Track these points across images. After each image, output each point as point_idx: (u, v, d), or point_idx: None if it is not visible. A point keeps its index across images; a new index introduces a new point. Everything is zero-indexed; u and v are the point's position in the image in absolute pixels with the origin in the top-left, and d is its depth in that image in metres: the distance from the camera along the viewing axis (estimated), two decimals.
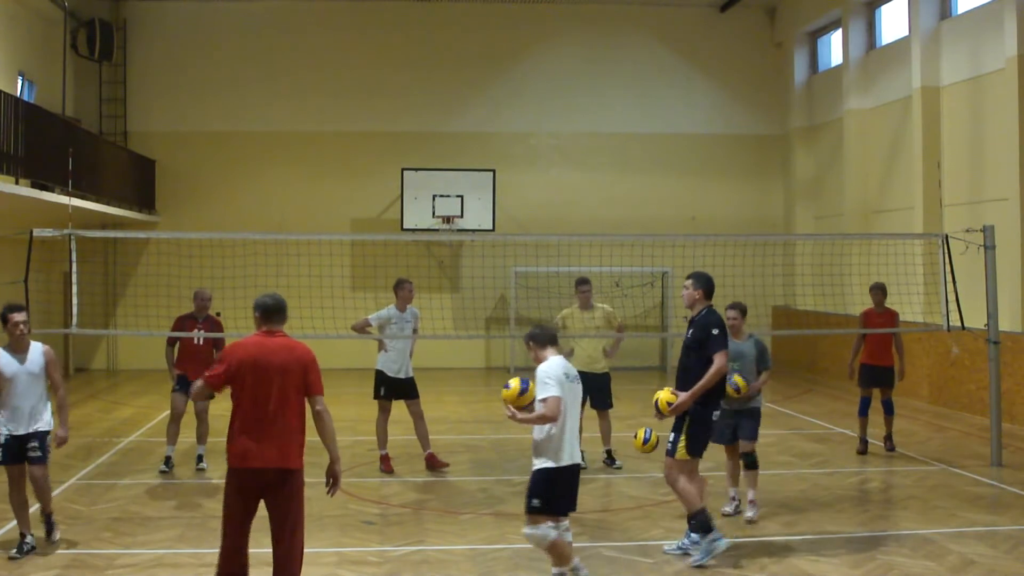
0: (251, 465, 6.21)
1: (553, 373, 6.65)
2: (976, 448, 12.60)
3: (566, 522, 6.77)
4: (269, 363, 6.16)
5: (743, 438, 9.15)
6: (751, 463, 9.13)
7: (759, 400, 9.28)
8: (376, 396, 11.32)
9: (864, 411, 12.18)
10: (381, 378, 11.31)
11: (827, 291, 14.64)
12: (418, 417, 11.27)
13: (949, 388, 15.97)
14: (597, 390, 11.27)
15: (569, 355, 11.32)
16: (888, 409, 12.11)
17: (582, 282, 11.37)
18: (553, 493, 6.69)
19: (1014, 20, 14.96)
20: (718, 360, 7.77)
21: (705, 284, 8.11)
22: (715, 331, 7.87)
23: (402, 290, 11.37)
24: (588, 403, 11.34)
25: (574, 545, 8.30)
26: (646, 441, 8.24)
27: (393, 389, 11.27)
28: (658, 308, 22.01)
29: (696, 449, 7.90)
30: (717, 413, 7.95)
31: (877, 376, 12.14)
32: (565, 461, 6.65)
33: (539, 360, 6.84)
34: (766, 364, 9.26)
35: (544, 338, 6.89)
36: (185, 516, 9.40)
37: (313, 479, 10.90)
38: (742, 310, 9.27)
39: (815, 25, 22.25)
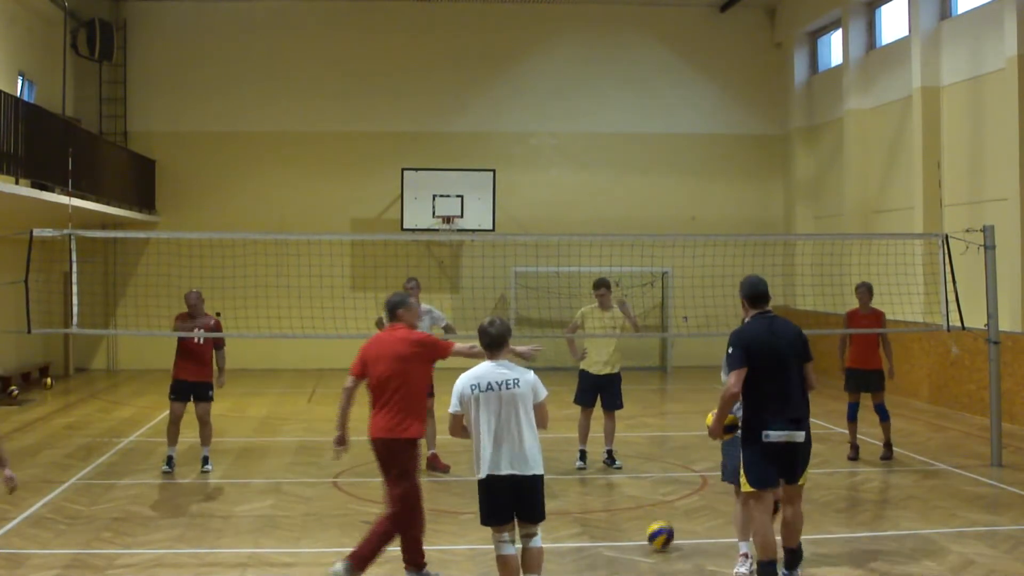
0: (372, 436, 7.27)
1: (458, 386, 6.45)
2: (976, 448, 12.60)
3: (506, 534, 6.43)
4: (382, 352, 7.21)
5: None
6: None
7: None
8: None
9: (853, 416, 11.89)
10: None
11: (827, 291, 14.63)
12: (428, 415, 11.26)
13: (949, 388, 15.97)
14: (607, 391, 11.29)
15: (583, 357, 11.35)
16: (883, 415, 11.78)
17: (598, 285, 11.27)
18: (482, 503, 6.46)
19: (1014, 20, 14.96)
20: (727, 381, 6.96)
21: (745, 291, 7.20)
22: (729, 349, 6.99)
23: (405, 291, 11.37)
24: (599, 403, 11.39)
25: (574, 546, 8.34)
26: (654, 537, 7.97)
27: None
28: (658, 308, 22.01)
29: (754, 479, 6.89)
30: (770, 434, 6.80)
31: (864, 380, 11.85)
32: (483, 473, 6.36)
33: None
34: None
35: (483, 342, 6.57)
36: (185, 516, 9.40)
37: (314, 479, 10.95)
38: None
39: (815, 25, 22.25)
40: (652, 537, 8.05)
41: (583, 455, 11.40)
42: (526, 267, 19.88)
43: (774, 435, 6.82)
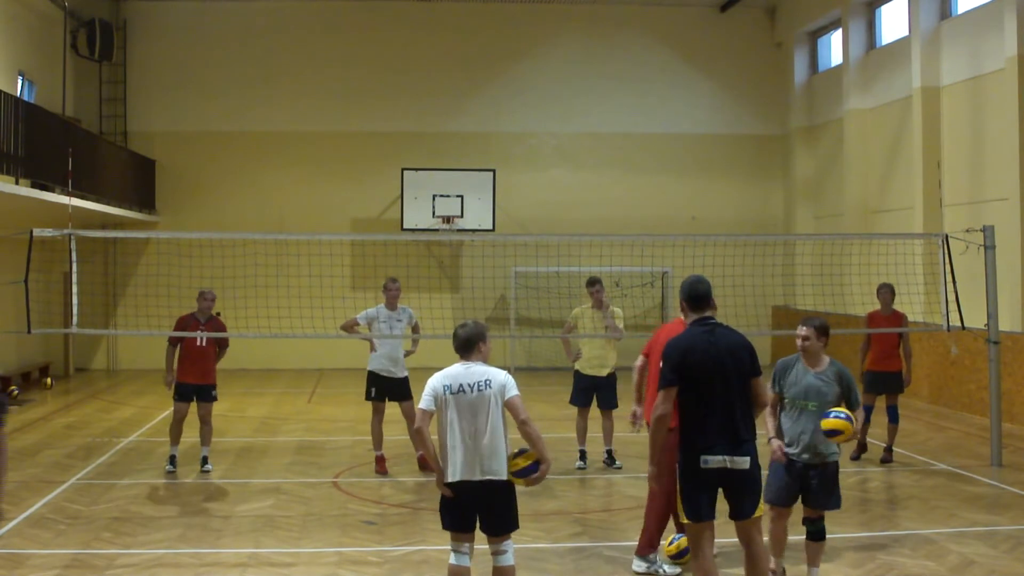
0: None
1: (432, 384, 6.25)
2: (976, 448, 12.60)
3: (465, 545, 6.21)
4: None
5: (813, 504, 6.95)
6: (816, 533, 6.96)
7: (836, 450, 7.08)
8: (367, 397, 11.26)
9: (866, 418, 11.65)
10: (371, 378, 11.23)
11: (827, 291, 14.63)
12: (411, 418, 11.21)
13: (949, 388, 15.97)
14: (603, 392, 11.28)
15: (577, 357, 11.34)
16: (893, 417, 11.70)
17: (592, 282, 11.25)
18: (446, 508, 6.25)
19: (1014, 20, 14.96)
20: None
21: (684, 292, 6.42)
22: (661, 362, 6.23)
23: (386, 290, 11.35)
24: (595, 403, 11.39)
25: (574, 546, 8.33)
26: (680, 550, 7.52)
27: (384, 390, 11.18)
28: (658, 308, 21.99)
29: (689, 510, 6.11)
30: (708, 460, 6.00)
31: (883, 382, 11.72)
32: (452, 477, 6.13)
33: None
34: (853, 402, 7.00)
35: (453, 344, 6.34)
36: (185, 516, 9.40)
37: (314, 479, 10.95)
38: (819, 328, 7.01)
39: (815, 25, 22.25)
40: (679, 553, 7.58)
41: (583, 455, 11.40)
42: (526, 267, 19.88)
43: (712, 460, 5.98)
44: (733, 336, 6.24)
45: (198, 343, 11.02)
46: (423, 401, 6.28)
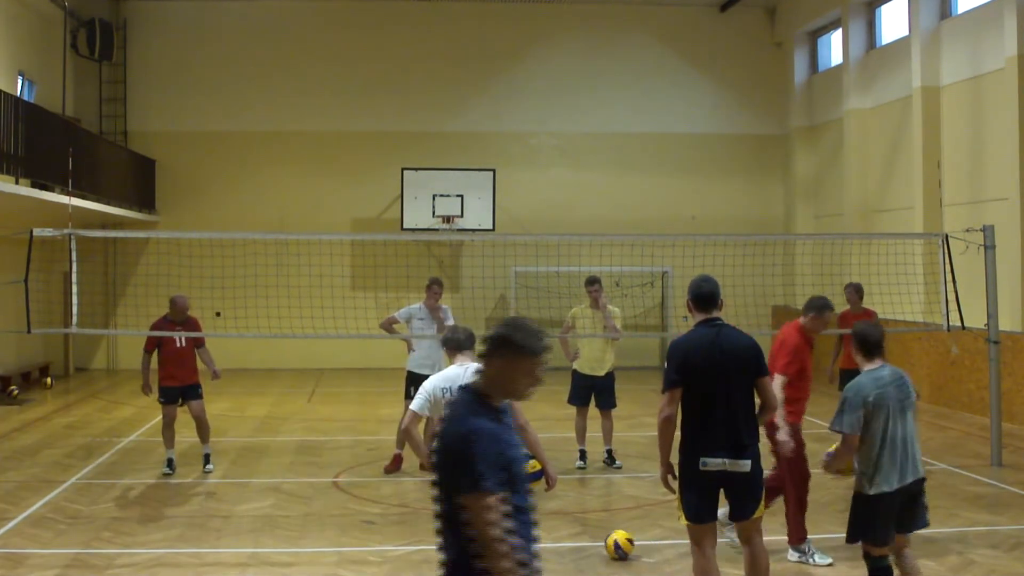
0: None
1: (428, 387, 6.26)
2: (976, 448, 12.60)
3: None
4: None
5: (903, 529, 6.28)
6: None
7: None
8: (407, 396, 11.07)
9: None
10: (411, 378, 11.06)
11: (827, 291, 14.58)
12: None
13: (949, 388, 15.97)
14: (601, 391, 11.28)
15: (575, 357, 11.33)
16: None
17: (591, 282, 11.26)
18: None
19: (1014, 20, 14.96)
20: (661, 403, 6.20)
21: (690, 291, 6.24)
22: (665, 363, 6.23)
23: (428, 289, 11.36)
24: (593, 403, 11.39)
25: (574, 546, 8.33)
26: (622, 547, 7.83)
27: None
28: (658, 308, 22.01)
29: (690, 512, 6.07)
30: (707, 462, 5.96)
31: None
32: None
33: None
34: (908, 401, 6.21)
35: (452, 344, 6.40)
36: (185, 516, 9.40)
37: (314, 479, 10.95)
38: (863, 338, 6.26)
39: (815, 25, 22.25)
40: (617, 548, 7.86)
41: (583, 455, 11.40)
42: (526, 267, 19.86)
43: (711, 463, 5.93)
44: (739, 338, 6.12)
45: (177, 344, 10.95)
46: (416, 403, 6.32)
